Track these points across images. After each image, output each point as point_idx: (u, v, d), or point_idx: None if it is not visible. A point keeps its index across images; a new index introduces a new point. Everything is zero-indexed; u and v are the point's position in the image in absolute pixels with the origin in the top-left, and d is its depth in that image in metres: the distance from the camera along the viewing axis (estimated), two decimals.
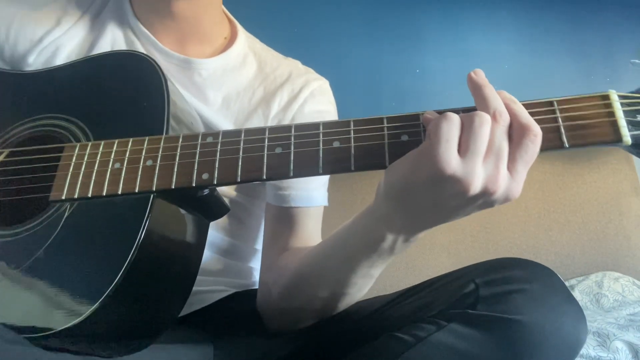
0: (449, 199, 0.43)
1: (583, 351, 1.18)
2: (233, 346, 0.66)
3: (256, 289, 0.78)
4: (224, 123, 0.73)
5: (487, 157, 0.42)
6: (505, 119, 0.43)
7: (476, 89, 0.46)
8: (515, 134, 0.43)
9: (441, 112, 0.46)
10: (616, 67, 2.22)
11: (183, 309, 0.59)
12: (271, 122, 0.76)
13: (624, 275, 1.82)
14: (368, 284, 0.59)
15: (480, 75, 0.47)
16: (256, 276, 0.83)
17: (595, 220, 1.96)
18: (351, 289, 0.58)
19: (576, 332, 0.46)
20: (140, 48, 0.73)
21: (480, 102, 0.45)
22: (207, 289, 0.72)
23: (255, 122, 0.75)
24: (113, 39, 0.73)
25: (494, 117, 0.43)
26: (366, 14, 2.18)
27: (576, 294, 1.73)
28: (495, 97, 0.45)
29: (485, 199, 0.43)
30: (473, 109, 0.45)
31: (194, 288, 0.58)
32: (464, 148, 0.42)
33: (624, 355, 1.18)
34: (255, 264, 0.84)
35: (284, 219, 0.73)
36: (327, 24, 2.13)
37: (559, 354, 0.46)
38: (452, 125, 0.43)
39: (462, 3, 2.23)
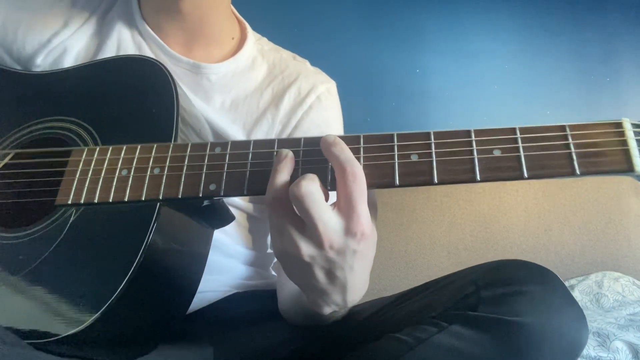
0: (307, 269, 0.45)
1: (583, 351, 1.18)
2: (233, 346, 0.66)
3: (258, 290, 0.78)
4: (232, 127, 0.73)
5: (299, 223, 0.44)
6: (290, 198, 0.43)
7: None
8: (337, 175, 0.44)
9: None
10: (616, 67, 2.22)
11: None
12: (278, 125, 0.76)
13: (624, 275, 1.82)
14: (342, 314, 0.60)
15: (323, 144, 0.46)
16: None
17: (595, 220, 1.96)
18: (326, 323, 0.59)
19: (577, 334, 0.46)
20: (147, 51, 0.73)
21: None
22: (208, 288, 0.72)
23: (264, 126, 0.75)
24: (120, 41, 0.73)
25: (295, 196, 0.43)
26: (366, 14, 2.18)
27: (576, 294, 1.73)
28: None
29: (330, 252, 0.44)
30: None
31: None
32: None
33: (624, 355, 1.18)
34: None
35: None
36: (327, 24, 2.13)
37: (560, 356, 0.45)
38: (273, 217, 0.45)
39: (462, 3, 2.22)
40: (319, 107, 0.78)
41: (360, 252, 0.44)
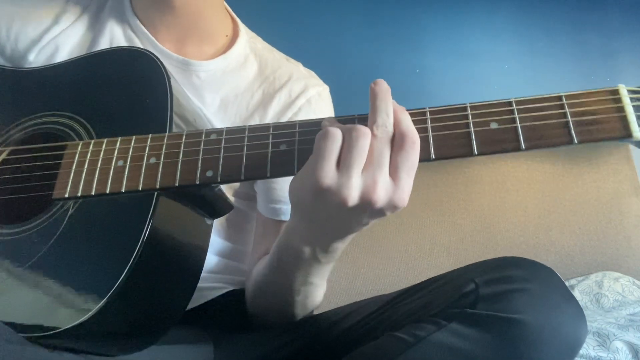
0: (334, 211, 0.45)
1: (583, 351, 1.18)
2: (233, 345, 0.66)
3: None
4: (221, 126, 0.73)
5: (365, 169, 0.44)
6: (384, 132, 0.44)
7: (371, 99, 0.46)
8: (396, 142, 0.44)
9: (343, 119, 0.47)
10: (616, 67, 2.22)
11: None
12: None
13: (624, 275, 1.82)
14: (313, 291, 0.62)
15: (379, 86, 0.47)
16: None
17: (595, 220, 1.96)
18: (297, 296, 0.61)
19: (576, 331, 0.47)
20: (139, 45, 0.72)
21: (371, 114, 0.46)
22: (207, 285, 0.72)
23: None
24: (112, 37, 0.72)
25: (373, 130, 0.44)
26: (366, 14, 2.18)
27: (576, 294, 1.73)
28: (383, 109, 0.45)
29: (369, 209, 0.44)
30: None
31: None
32: (341, 162, 0.44)
33: (624, 355, 1.18)
34: None
35: (272, 229, 0.74)
36: (327, 24, 2.13)
37: (559, 353, 0.45)
38: (329, 141, 0.44)
39: (462, 3, 2.22)
40: (308, 110, 0.76)
41: (371, 215, 0.46)
